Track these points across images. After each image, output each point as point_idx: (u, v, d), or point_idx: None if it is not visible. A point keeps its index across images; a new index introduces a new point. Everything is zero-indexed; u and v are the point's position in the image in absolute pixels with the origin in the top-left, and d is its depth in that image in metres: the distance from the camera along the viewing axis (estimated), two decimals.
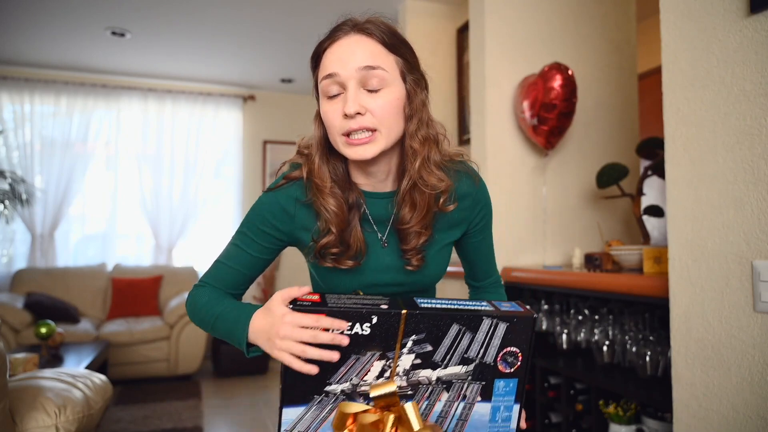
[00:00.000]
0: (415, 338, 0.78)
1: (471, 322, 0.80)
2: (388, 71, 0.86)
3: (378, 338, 0.77)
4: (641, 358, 1.75)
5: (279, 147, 5.47)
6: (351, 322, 0.76)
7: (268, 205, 0.95)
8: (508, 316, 0.81)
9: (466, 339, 0.80)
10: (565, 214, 2.50)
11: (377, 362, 0.78)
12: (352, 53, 0.86)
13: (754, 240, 1.15)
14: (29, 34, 3.97)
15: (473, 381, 0.82)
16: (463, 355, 0.81)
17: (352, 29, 0.88)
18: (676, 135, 1.34)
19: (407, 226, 0.92)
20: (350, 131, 0.85)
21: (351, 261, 0.93)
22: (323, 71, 0.89)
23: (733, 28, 1.19)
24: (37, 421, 1.65)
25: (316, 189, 0.91)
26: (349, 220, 0.92)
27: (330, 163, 0.94)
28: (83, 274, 4.56)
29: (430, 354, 0.79)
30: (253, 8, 3.55)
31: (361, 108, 0.84)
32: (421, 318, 0.78)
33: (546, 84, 2.20)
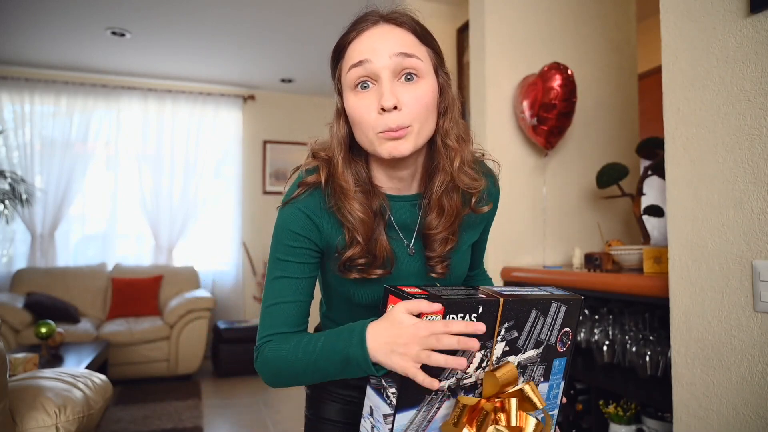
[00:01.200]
0: (507, 325, 0.79)
1: (544, 306, 0.82)
2: (423, 61, 0.81)
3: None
4: (641, 358, 1.75)
5: (279, 147, 5.47)
6: (463, 313, 0.74)
7: (291, 219, 0.86)
8: (566, 300, 0.86)
9: (540, 322, 0.82)
10: (565, 214, 2.50)
11: (478, 353, 0.77)
12: (384, 41, 0.79)
13: (754, 240, 1.15)
14: (29, 34, 3.97)
15: (541, 363, 0.86)
16: (537, 338, 0.83)
17: (381, 19, 0.82)
18: (676, 135, 1.34)
19: (434, 232, 0.87)
20: (389, 129, 0.78)
21: (380, 270, 0.86)
22: (351, 59, 0.81)
23: (733, 28, 1.19)
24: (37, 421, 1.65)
25: (340, 193, 0.84)
26: (375, 228, 0.85)
27: (353, 165, 0.86)
28: (83, 274, 4.56)
29: (515, 340, 0.81)
30: (253, 8, 3.55)
31: (397, 101, 0.78)
32: (513, 304, 0.78)
33: (545, 84, 2.20)
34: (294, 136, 5.52)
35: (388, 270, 0.87)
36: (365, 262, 0.85)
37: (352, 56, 0.81)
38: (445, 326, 0.69)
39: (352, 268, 0.86)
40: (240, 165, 5.28)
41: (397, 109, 0.78)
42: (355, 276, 0.87)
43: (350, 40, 0.82)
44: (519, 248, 2.40)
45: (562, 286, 1.98)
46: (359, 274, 0.86)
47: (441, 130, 0.85)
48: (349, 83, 0.81)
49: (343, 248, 0.86)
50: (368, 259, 0.85)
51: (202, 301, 4.38)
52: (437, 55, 0.85)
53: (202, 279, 5.08)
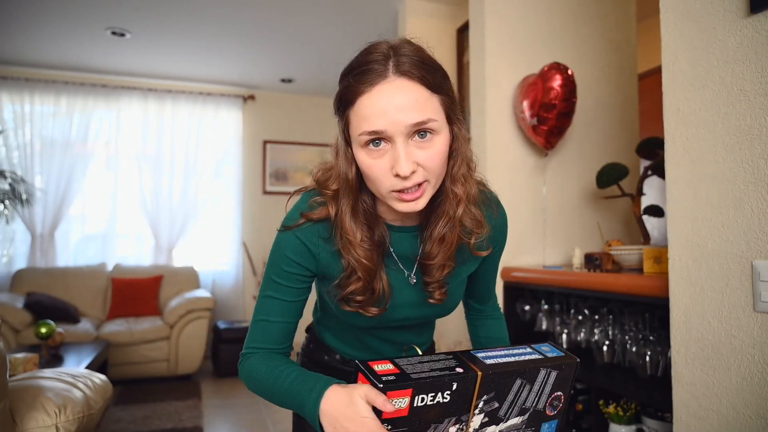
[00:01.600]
0: (486, 398, 0.77)
1: (531, 375, 0.80)
2: (437, 120, 0.78)
3: (456, 404, 0.75)
4: (641, 358, 1.75)
5: (279, 147, 5.47)
6: (434, 392, 0.73)
7: (288, 245, 0.88)
8: (558, 365, 0.82)
9: (525, 391, 0.81)
10: (565, 214, 2.50)
11: (452, 427, 0.76)
12: (397, 107, 0.75)
13: (754, 240, 1.15)
14: (29, 34, 3.97)
15: (527, 428, 0.84)
16: (522, 406, 0.81)
17: (390, 71, 0.76)
18: (676, 135, 1.34)
19: (433, 262, 0.88)
20: (404, 189, 0.78)
21: (375, 308, 0.89)
22: (363, 124, 0.77)
23: (733, 28, 1.19)
24: (37, 421, 1.65)
25: (346, 243, 0.85)
26: (377, 268, 0.87)
27: (358, 205, 0.86)
28: (83, 274, 4.56)
29: (496, 410, 0.79)
30: (253, 8, 3.55)
31: (414, 165, 0.76)
32: (493, 377, 0.77)
33: (545, 84, 2.20)
34: (294, 136, 5.52)
35: (383, 308, 0.90)
36: (362, 299, 0.87)
37: (364, 118, 0.77)
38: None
39: (350, 302, 0.88)
40: (240, 165, 5.28)
41: (413, 173, 0.77)
42: (351, 310, 0.90)
43: (359, 93, 0.77)
44: (519, 248, 2.40)
45: (562, 286, 1.98)
46: (355, 309, 0.89)
47: (450, 174, 0.85)
48: (360, 141, 0.78)
49: (344, 281, 0.88)
50: (366, 296, 0.87)
51: (202, 301, 4.38)
52: (450, 99, 0.82)
53: (202, 279, 5.08)
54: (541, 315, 2.20)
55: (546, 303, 2.22)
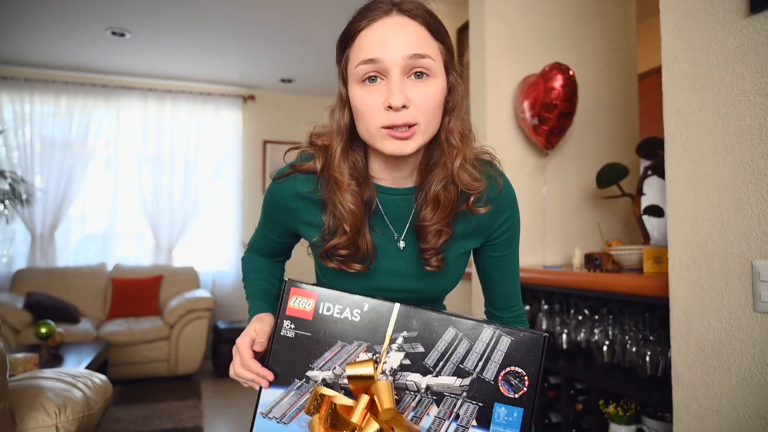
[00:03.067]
0: (406, 335, 0.74)
1: (470, 329, 0.74)
2: (434, 60, 0.78)
3: (367, 328, 0.74)
4: (641, 358, 1.75)
5: (279, 147, 5.47)
6: (342, 305, 0.75)
7: (272, 196, 0.93)
8: (512, 331, 0.75)
9: (462, 346, 0.74)
10: (565, 214, 2.50)
11: (363, 354, 0.74)
12: (396, 37, 0.76)
13: (754, 240, 1.15)
14: (29, 34, 3.97)
15: (468, 399, 0.74)
16: (459, 364, 0.74)
17: (393, 8, 0.78)
18: (676, 135, 1.34)
19: (428, 224, 0.84)
20: (393, 125, 0.76)
21: (359, 265, 0.86)
22: (361, 54, 0.77)
23: (733, 28, 1.19)
24: (37, 421, 1.65)
25: (334, 184, 0.83)
26: (363, 220, 0.85)
27: (350, 155, 0.85)
28: (83, 274, 4.56)
29: (421, 356, 0.74)
30: (253, 8, 3.55)
31: (406, 100, 0.76)
32: (416, 314, 0.74)
33: (547, 84, 2.20)
34: (294, 136, 5.51)
35: (367, 266, 0.87)
36: (347, 253, 0.85)
37: (362, 49, 0.78)
38: (242, 363, 0.81)
39: (333, 258, 0.87)
40: (240, 165, 5.28)
41: (405, 108, 0.76)
42: (334, 266, 0.87)
43: (360, 28, 0.79)
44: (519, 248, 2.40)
45: (562, 286, 1.98)
46: (338, 265, 0.87)
47: (446, 127, 0.83)
48: (356, 76, 0.78)
49: (329, 235, 0.86)
50: (351, 251, 0.85)
51: (202, 301, 4.38)
52: (449, 51, 0.82)
53: (202, 279, 5.08)
54: (541, 315, 2.20)
55: (546, 303, 2.22)
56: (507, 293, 0.99)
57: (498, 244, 0.94)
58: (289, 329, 0.76)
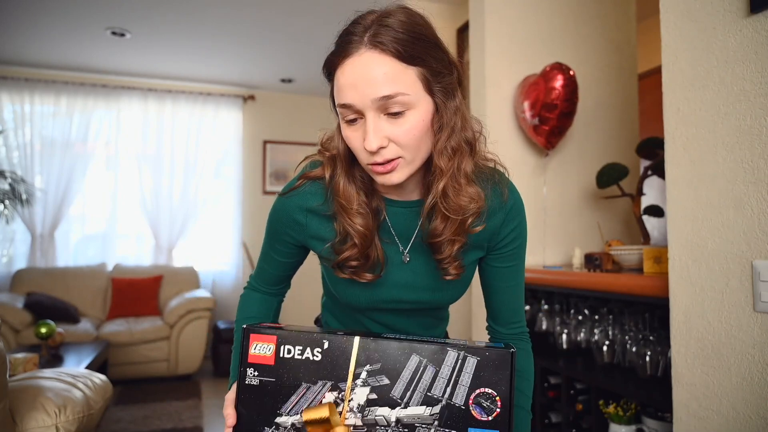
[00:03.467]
0: (369, 368, 0.72)
1: (433, 354, 0.72)
2: (409, 94, 0.74)
3: (330, 366, 0.73)
4: (641, 358, 1.75)
5: (279, 147, 5.47)
6: (302, 346, 0.74)
7: (279, 213, 0.91)
8: (478, 350, 0.72)
9: (428, 373, 0.71)
10: (565, 214, 2.50)
11: (329, 393, 0.72)
12: (365, 80, 0.73)
13: (754, 240, 1.15)
14: (29, 34, 3.97)
15: (441, 428, 0.71)
16: (426, 392, 0.71)
17: (363, 43, 0.75)
18: (676, 135, 1.34)
19: (440, 238, 0.83)
20: (375, 164, 0.77)
21: (370, 274, 0.86)
22: (339, 97, 0.77)
23: (733, 28, 1.19)
24: (37, 421, 1.65)
25: (341, 209, 0.84)
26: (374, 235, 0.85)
27: (354, 173, 0.86)
28: (83, 274, 4.56)
29: (387, 388, 0.72)
30: (253, 8, 3.55)
31: (383, 140, 0.75)
32: (376, 346, 0.72)
33: (547, 84, 2.20)
34: (294, 136, 5.52)
35: (378, 274, 0.87)
36: (357, 264, 0.86)
37: (339, 92, 0.77)
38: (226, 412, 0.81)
39: (344, 269, 0.87)
40: (240, 165, 5.28)
41: (383, 148, 0.75)
42: (345, 276, 0.88)
43: (336, 65, 0.77)
44: None
45: (562, 286, 1.98)
46: (350, 275, 0.87)
47: (436, 148, 0.80)
48: (340, 114, 0.79)
49: (340, 244, 0.86)
50: (361, 261, 0.85)
51: (202, 301, 4.38)
52: (429, 69, 0.76)
53: (202, 279, 5.08)
54: (541, 315, 2.20)
55: (546, 303, 2.22)
56: (510, 308, 0.96)
57: (503, 255, 0.91)
58: (253, 377, 0.75)
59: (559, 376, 2.09)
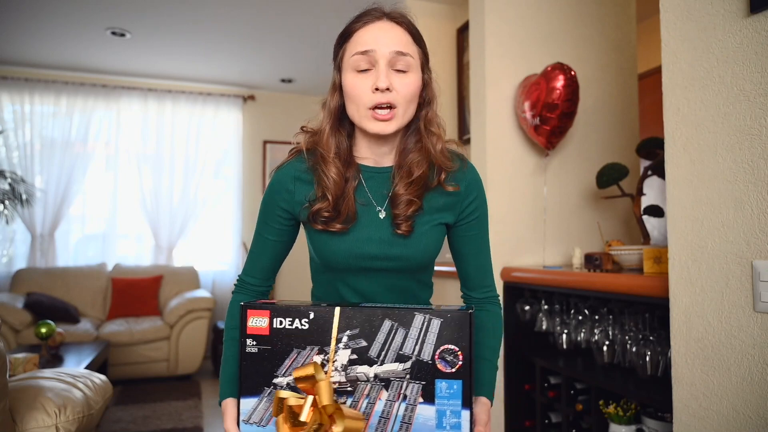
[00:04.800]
0: (349, 333, 0.84)
1: (403, 318, 0.83)
2: (414, 59, 0.97)
3: (315, 333, 0.85)
4: (641, 358, 1.75)
5: (279, 147, 5.47)
6: (291, 317, 0.85)
7: (273, 185, 1.03)
8: (441, 312, 0.83)
9: (399, 335, 0.83)
10: (565, 214, 2.50)
11: (317, 356, 0.85)
12: (386, 36, 0.95)
13: (754, 240, 1.15)
14: (29, 34, 3.97)
15: (412, 380, 0.83)
16: (399, 351, 0.83)
17: (384, 16, 0.97)
18: (676, 135, 1.34)
19: (401, 194, 0.99)
20: (378, 105, 0.93)
21: (339, 225, 0.98)
22: (357, 47, 0.95)
23: (733, 28, 1.20)
24: (37, 421, 1.65)
25: (320, 157, 0.99)
26: (345, 190, 0.99)
27: (337, 135, 1.01)
28: (83, 274, 4.56)
29: (365, 349, 0.84)
30: (253, 8, 3.55)
31: (390, 84, 0.93)
32: (353, 313, 0.84)
33: (548, 84, 2.20)
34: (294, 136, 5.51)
35: (345, 226, 0.99)
36: (329, 215, 0.98)
37: (358, 44, 0.95)
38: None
39: (317, 219, 0.99)
40: (240, 165, 5.28)
41: (388, 90, 0.93)
42: (319, 227, 0.99)
43: (356, 29, 0.97)
44: (519, 248, 2.40)
45: (562, 286, 1.98)
46: (322, 225, 0.99)
47: (424, 117, 1.01)
48: (350, 65, 0.96)
49: (314, 201, 0.99)
50: (332, 213, 0.98)
51: (202, 301, 4.38)
52: (425, 55, 1.02)
53: (202, 279, 5.08)
54: (541, 315, 2.20)
55: (546, 303, 2.22)
56: (479, 273, 1.08)
57: (468, 223, 1.05)
58: (252, 346, 0.87)
59: (559, 376, 2.09)
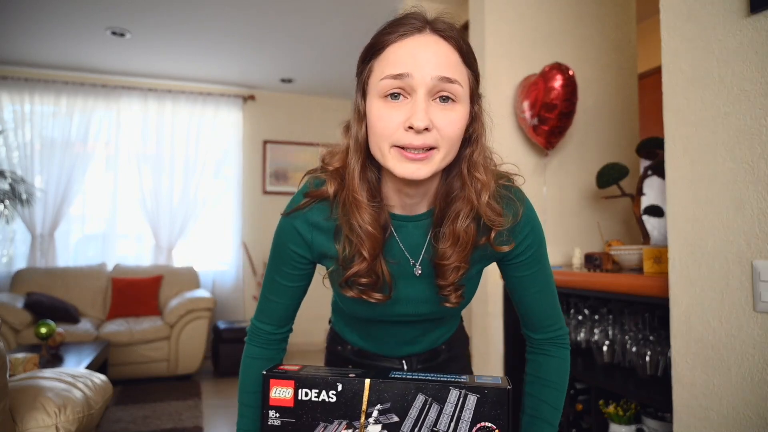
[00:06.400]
0: (380, 408, 0.78)
1: (437, 393, 0.77)
2: (462, 87, 0.74)
3: (344, 406, 0.79)
4: (641, 358, 1.75)
5: (279, 147, 5.47)
6: (318, 389, 0.79)
7: (285, 232, 0.88)
8: (478, 388, 0.77)
9: (433, 411, 0.77)
10: (565, 214, 2.50)
11: (345, 431, 0.79)
12: (428, 56, 0.72)
13: (754, 240, 1.15)
14: (29, 34, 3.97)
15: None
16: (432, 428, 0.77)
17: (427, 26, 0.74)
18: (676, 135, 1.34)
19: (447, 262, 0.82)
20: (410, 146, 0.73)
21: (379, 294, 0.84)
22: (388, 68, 0.73)
23: (733, 28, 1.19)
24: (37, 421, 1.65)
25: (353, 205, 0.79)
26: (382, 244, 0.82)
27: (367, 173, 0.81)
28: (83, 274, 4.56)
29: (397, 425, 0.78)
30: (252, 8, 3.55)
31: (430, 123, 0.72)
32: (385, 386, 0.78)
33: (547, 84, 2.20)
34: (294, 136, 5.52)
35: (387, 295, 0.85)
36: (368, 282, 0.83)
37: (390, 63, 0.73)
38: None
39: (353, 286, 0.85)
40: (240, 165, 5.28)
41: (427, 130, 0.72)
42: (353, 295, 0.85)
43: (389, 42, 0.75)
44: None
45: (562, 286, 1.98)
46: (358, 294, 0.85)
47: (468, 159, 0.80)
48: (379, 90, 0.74)
49: (346, 263, 0.83)
50: (372, 279, 0.83)
51: (202, 301, 4.38)
52: (476, 79, 0.79)
53: (202, 279, 5.08)
54: None
55: None
56: (538, 314, 0.92)
57: (520, 264, 0.89)
58: (275, 418, 0.81)
59: None
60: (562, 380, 0.93)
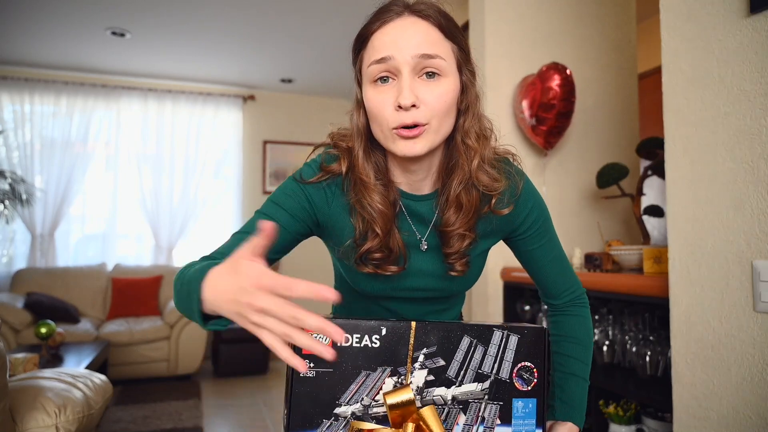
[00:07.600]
0: (426, 351, 0.75)
1: (482, 334, 0.77)
2: (446, 60, 0.78)
3: (388, 351, 0.74)
4: (641, 358, 1.75)
5: (279, 147, 5.47)
6: (360, 333, 0.74)
7: (305, 194, 0.86)
8: (518, 328, 0.79)
9: (478, 352, 0.77)
10: (565, 214, 2.50)
11: (389, 379, 0.74)
12: (407, 36, 0.76)
13: (754, 240, 1.15)
14: (29, 34, 3.97)
15: (490, 401, 0.77)
16: (477, 370, 0.77)
17: (405, 10, 0.79)
18: (676, 135, 1.34)
19: (451, 228, 0.84)
20: (403, 125, 0.76)
21: (394, 266, 0.86)
22: (373, 54, 0.78)
23: (733, 28, 1.20)
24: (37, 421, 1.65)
25: (361, 186, 0.83)
26: (393, 220, 0.84)
27: (372, 156, 0.85)
28: (83, 274, 4.56)
29: (443, 369, 0.76)
30: (252, 8, 3.55)
31: (416, 99, 0.75)
32: (432, 329, 0.76)
33: (544, 84, 2.20)
34: (294, 136, 5.52)
35: (402, 266, 0.87)
36: (381, 257, 0.84)
37: (374, 50, 0.78)
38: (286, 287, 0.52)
39: (368, 262, 0.85)
40: (240, 165, 5.28)
41: (414, 107, 0.76)
42: (369, 270, 0.86)
43: (373, 30, 0.79)
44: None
45: None
46: (373, 269, 0.85)
47: (461, 128, 0.83)
48: (369, 76, 0.79)
49: (361, 240, 0.84)
50: (384, 253, 0.84)
51: None
52: (462, 51, 0.82)
53: None
54: (541, 315, 2.20)
55: None
56: (554, 281, 0.97)
57: (527, 238, 0.93)
58: (310, 369, 0.73)
59: None
60: (587, 335, 0.97)
